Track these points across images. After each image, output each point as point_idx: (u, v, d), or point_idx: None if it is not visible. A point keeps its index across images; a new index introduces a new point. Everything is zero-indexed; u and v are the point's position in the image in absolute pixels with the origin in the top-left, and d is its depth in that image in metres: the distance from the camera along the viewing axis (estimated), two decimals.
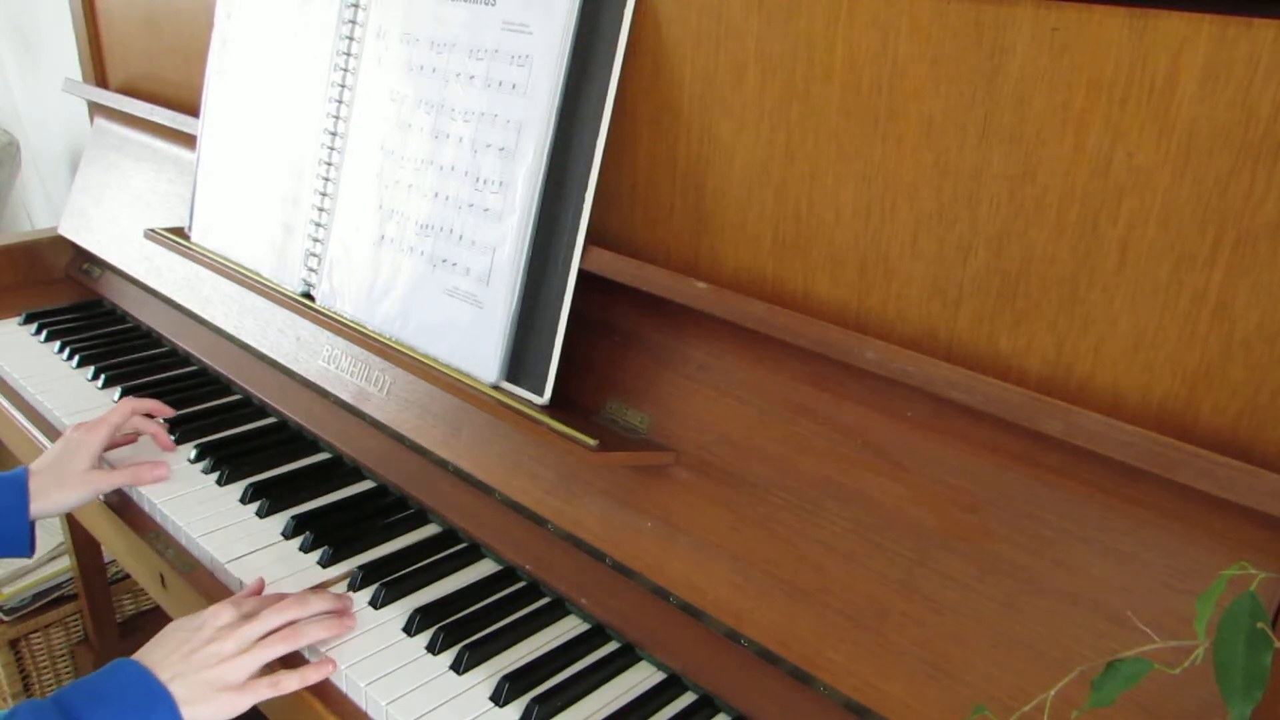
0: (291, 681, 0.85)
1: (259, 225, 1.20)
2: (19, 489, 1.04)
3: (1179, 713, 0.62)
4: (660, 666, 0.89)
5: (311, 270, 1.13)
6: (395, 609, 0.94)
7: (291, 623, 0.87)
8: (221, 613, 0.86)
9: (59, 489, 1.06)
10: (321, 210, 1.11)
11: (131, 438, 1.19)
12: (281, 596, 0.90)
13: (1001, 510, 0.70)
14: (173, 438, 1.20)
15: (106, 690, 0.79)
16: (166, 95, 1.53)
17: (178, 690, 0.80)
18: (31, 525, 1.05)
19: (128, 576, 1.87)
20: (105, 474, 1.10)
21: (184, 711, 0.79)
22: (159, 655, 0.83)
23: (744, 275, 0.86)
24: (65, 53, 2.09)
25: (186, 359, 1.45)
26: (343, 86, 1.09)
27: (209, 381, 1.38)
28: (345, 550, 1.02)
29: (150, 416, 1.19)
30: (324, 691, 0.86)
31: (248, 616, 0.86)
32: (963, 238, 0.72)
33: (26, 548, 1.06)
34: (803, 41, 0.77)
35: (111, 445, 1.15)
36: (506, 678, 0.85)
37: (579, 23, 0.87)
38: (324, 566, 1.00)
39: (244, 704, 0.82)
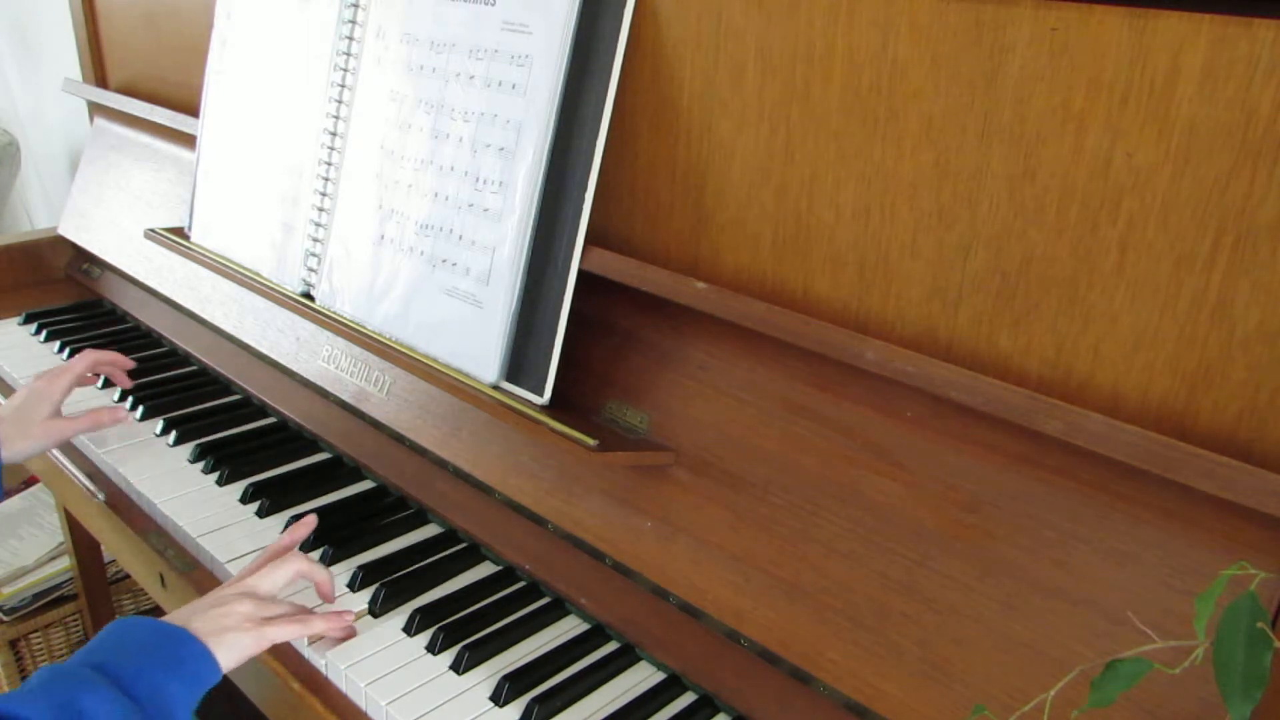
0: (318, 624, 0.86)
1: (259, 225, 1.20)
2: None
3: (1179, 713, 0.62)
4: (660, 666, 0.89)
5: (311, 270, 1.13)
6: (395, 609, 0.94)
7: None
8: (225, 582, 0.87)
9: (23, 438, 1.10)
10: (321, 210, 1.11)
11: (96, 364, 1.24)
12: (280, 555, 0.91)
13: (1001, 510, 0.70)
14: (172, 438, 1.20)
15: (124, 641, 0.76)
16: (166, 95, 1.53)
17: (196, 625, 0.78)
18: None
19: (128, 576, 1.87)
20: (67, 421, 1.14)
21: (208, 644, 0.78)
22: (169, 616, 0.82)
23: (744, 275, 0.86)
24: (65, 53, 2.09)
25: (186, 359, 1.45)
26: (342, 86, 1.09)
27: (209, 381, 1.38)
28: (345, 550, 1.02)
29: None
30: (324, 691, 0.86)
31: (247, 573, 0.87)
32: (962, 238, 0.72)
33: None
34: (803, 42, 0.77)
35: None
36: (506, 678, 0.85)
37: (579, 23, 0.87)
38: (324, 566, 1.00)
39: (268, 639, 0.82)
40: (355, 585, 0.97)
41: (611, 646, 0.92)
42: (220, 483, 1.13)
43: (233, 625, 0.80)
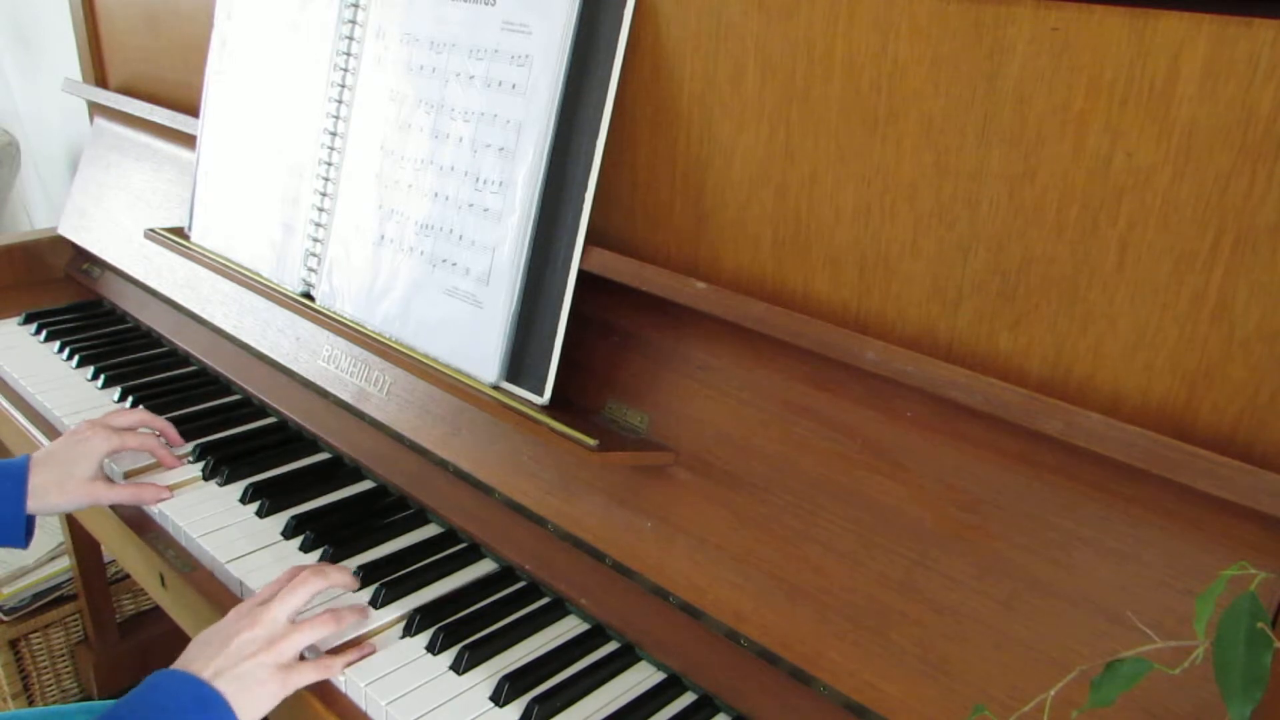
0: (338, 664, 0.86)
1: (258, 225, 1.20)
2: (18, 481, 1.03)
3: (1179, 713, 0.62)
4: (660, 666, 0.89)
5: (311, 270, 1.13)
6: (395, 609, 0.94)
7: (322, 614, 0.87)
8: (241, 607, 0.86)
9: (59, 493, 1.05)
10: (321, 210, 1.11)
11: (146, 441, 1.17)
12: (296, 571, 0.90)
13: (1001, 510, 0.70)
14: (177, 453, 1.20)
15: (156, 702, 0.77)
16: (166, 95, 1.53)
17: (224, 686, 0.78)
18: (30, 518, 1.04)
19: (128, 576, 1.87)
20: (108, 488, 1.08)
21: (234, 704, 0.78)
22: (195, 659, 0.81)
23: (744, 275, 0.86)
24: (65, 53, 2.09)
25: (186, 359, 1.45)
26: (342, 86, 1.09)
27: (209, 381, 1.38)
28: (345, 550, 1.02)
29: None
30: (324, 691, 0.86)
31: (265, 602, 0.86)
32: (963, 238, 0.72)
33: (22, 539, 1.05)
34: (803, 42, 0.77)
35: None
36: (506, 678, 0.85)
37: (579, 23, 0.87)
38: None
39: (292, 686, 0.82)
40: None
41: (611, 646, 0.92)
42: (220, 483, 1.13)
43: (261, 681, 0.80)
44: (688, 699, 0.87)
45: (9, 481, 1.03)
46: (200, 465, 1.16)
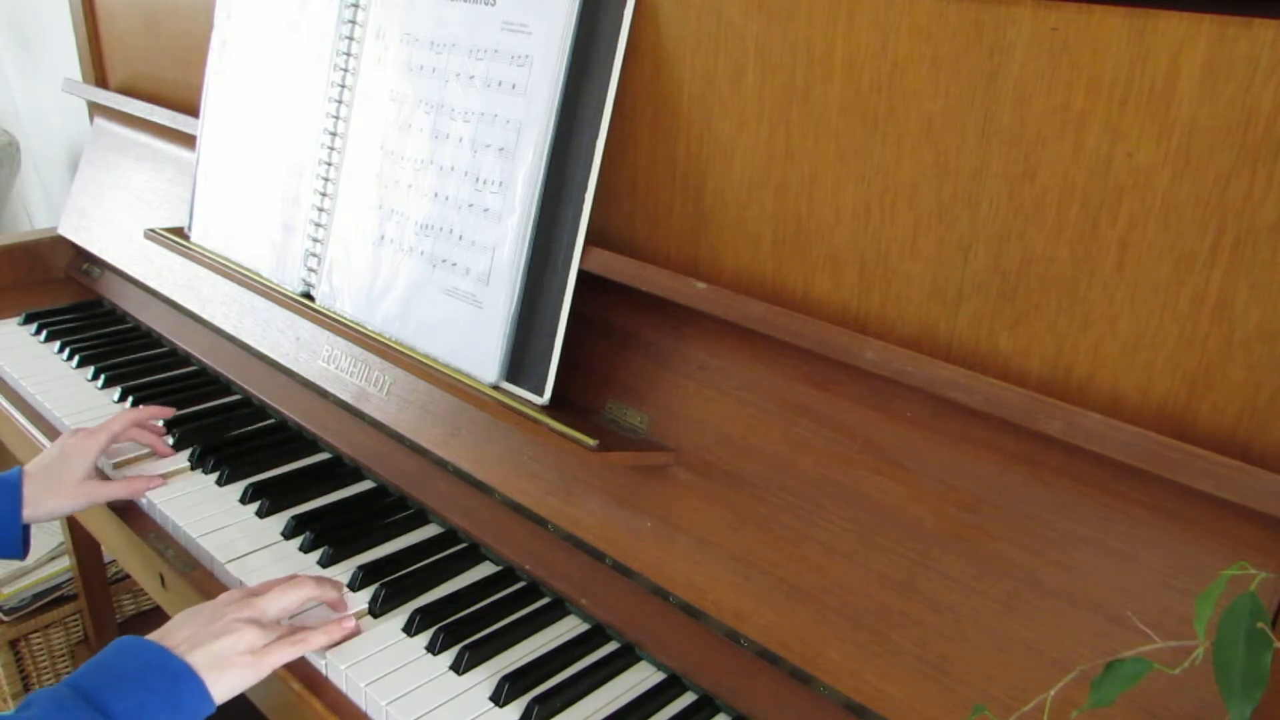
0: (318, 638, 0.85)
1: (259, 225, 1.20)
2: (13, 492, 1.03)
3: (1179, 713, 0.62)
4: (660, 666, 0.89)
5: (311, 270, 1.13)
6: (395, 609, 0.94)
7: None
8: (234, 592, 0.86)
9: (53, 497, 1.05)
10: (321, 210, 1.11)
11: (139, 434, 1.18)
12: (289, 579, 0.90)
13: (1001, 510, 0.70)
14: (172, 439, 1.20)
15: (125, 670, 0.76)
16: (166, 95, 1.53)
17: (196, 659, 0.78)
18: (25, 528, 1.05)
19: (128, 576, 1.87)
20: (101, 485, 1.08)
21: (206, 679, 0.77)
22: (171, 633, 0.81)
23: (744, 275, 0.86)
24: (65, 53, 2.09)
25: (186, 359, 1.45)
26: (342, 86, 1.09)
27: (209, 381, 1.38)
28: (345, 550, 1.02)
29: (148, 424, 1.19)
30: (324, 691, 0.86)
31: (258, 594, 0.86)
32: (963, 238, 0.72)
33: (19, 550, 1.05)
34: (802, 42, 0.77)
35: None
36: (506, 678, 0.85)
37: (579, 23, 0.87)
38: (324, 566, 1.00)
39: (267, 666, 0.81)
40: (355, 585, 0.97)
41: (611, 646, 0.92)
42: (220, 483, 1.13)
43: (234, 660, 0.79)
44: (688, 699, 0.87)
45: (3, 492, 1.03)
46: (200, 465, 1.16)
